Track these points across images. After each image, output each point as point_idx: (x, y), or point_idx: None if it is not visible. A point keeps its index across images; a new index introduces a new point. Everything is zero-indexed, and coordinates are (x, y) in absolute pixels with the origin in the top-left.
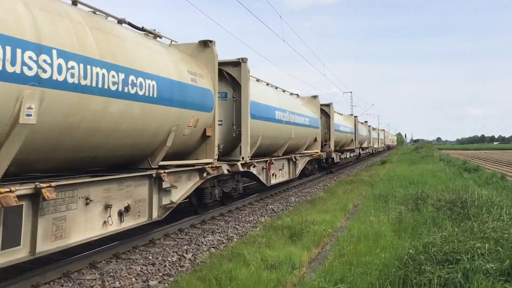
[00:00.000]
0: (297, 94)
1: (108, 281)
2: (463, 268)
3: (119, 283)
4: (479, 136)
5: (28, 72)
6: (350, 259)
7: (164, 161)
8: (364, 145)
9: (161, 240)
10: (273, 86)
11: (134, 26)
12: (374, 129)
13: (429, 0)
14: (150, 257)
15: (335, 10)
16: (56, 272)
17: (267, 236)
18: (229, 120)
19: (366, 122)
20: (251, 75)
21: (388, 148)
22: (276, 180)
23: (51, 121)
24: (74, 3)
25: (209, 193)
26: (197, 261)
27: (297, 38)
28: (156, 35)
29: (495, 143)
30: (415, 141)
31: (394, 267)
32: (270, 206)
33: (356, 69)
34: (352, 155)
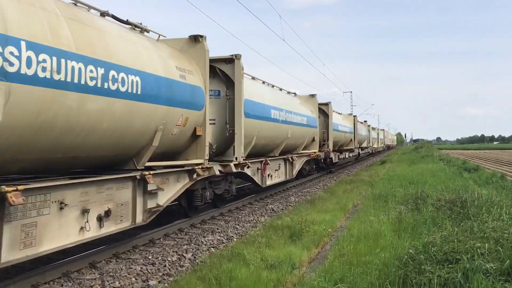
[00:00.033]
0: (295, 93)
1: (108, 281)
2: (463, 268)
3: (119, 283)
4: (479, 136)
5: None
6: (350, 259)
7: (151, 162)
8: (364, 145)
9: (161, 240)
10: (270, 85)
11: (119, 19)
12: (374, 129)
13: (429, 0)
14: (150, 257)
15: (335, 10)
16: (56, 272)
17: (267, 236)
18: (222, 119)
19: (366, 122)
20: (246, 73)
21: (388, 148)
22: (272, 181)
23: (20, 119)
24: None
25: (200, 195)
26: (197, 261)
27: (297, 38)
28: (143, 29)
29: (495, 143)
30: (415, 141)
31: (394, 267)
32: (270, 206)
33: (356, 69)
34: (351, 155)
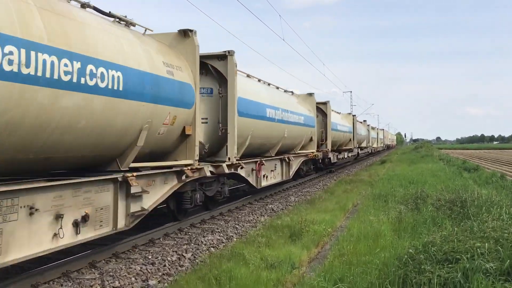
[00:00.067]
0: (292, 92)
1: (108, 281)
2: (463, 268)
3: (119, 283)
4: (479, 136)
5: None
6: (350, 259)
7: (137, 163)
8: (363, 145)
9: (161, 240)
10: (266, 83)
11: (101, 12)
12: (373, 129)
13: (429, 0)
14: (150, 257)
15: (335, 10)
16: (56, 272)
17: (267, 236)
18: (215, 118)
19: (365, 121)
20: (241, 71)
21: (388, 148)
22: (268, 182)
23: None
24: None
25: (189, 198)
26: (197, 261)
27: (297, 38)
28: (128, 23)
29: (495, 143)
30: (415, 141)
31: (394, 267)
32: (270, 206)
33: (356, 69)
34: (350, 155)
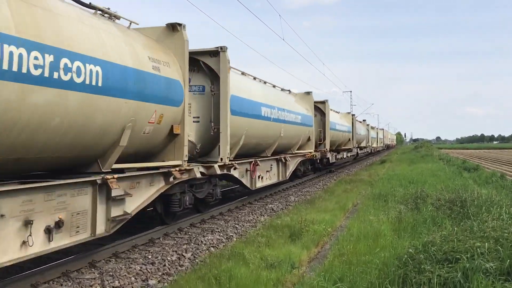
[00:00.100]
0: (289, 90)
1: (108, 280)
2: (463, 268)
3: (119, 282)
4: (479, 135)
5: None
6: (350, 258)
7: (120, 164)
8: (363, 145)
9: (161, 239)
10: (261, 81)
11: (81, 3)
12: (373, 128)
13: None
14: (150, 256)
15: (335, 10)
16: (56, 271)
17: (267, 236)
18: (207, 117)
19: (365, 121)
20: (236, 68)
21: (388, 148)
22: (263, 183)
23: None
24: None
25: (178, 200)
26: (197, 261)
27: (297, 38)
28: (112, 15)
29: (495, 142)
30: (415, 141)
31: (394, 266)
32: (270, 206)
33: (356, 69)
34: (349, 155)
